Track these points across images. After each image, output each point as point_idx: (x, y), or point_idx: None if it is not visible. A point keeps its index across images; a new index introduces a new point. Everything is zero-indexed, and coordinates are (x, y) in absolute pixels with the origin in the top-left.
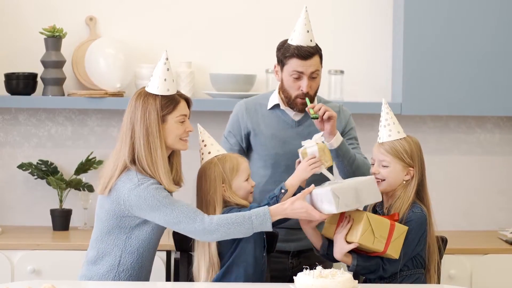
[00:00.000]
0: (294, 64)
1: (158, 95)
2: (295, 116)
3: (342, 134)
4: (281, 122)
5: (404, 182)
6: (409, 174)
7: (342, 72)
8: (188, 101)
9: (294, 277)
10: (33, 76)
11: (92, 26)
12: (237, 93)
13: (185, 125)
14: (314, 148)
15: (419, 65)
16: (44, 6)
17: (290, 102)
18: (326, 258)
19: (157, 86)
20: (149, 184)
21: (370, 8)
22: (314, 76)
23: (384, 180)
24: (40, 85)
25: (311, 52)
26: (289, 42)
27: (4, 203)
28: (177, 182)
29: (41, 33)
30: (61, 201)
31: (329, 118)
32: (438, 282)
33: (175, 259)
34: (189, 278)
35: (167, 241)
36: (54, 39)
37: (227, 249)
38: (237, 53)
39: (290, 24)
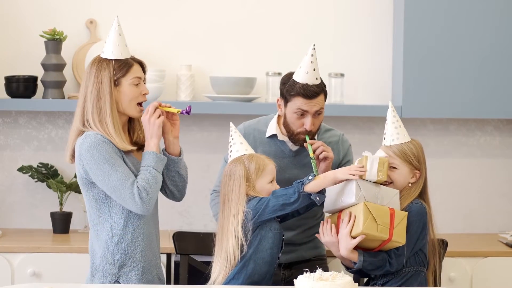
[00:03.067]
0: (298, 102)
1: (111, 59)
2: (292, 146)
3: (339, 165)
4: (279, 151)
5: (410, 184)
6: (415, 177)
7: (342, 75)
8: (142, 64)
9: (294, 279)
10: (33, 79)
11: (92, 29)
12: (237, 96)
13: (140, 87)
14: (375, 157)
15: (419, 68)
16: (44, 9)
17: (291, 137)
18: (359, 274)
19: (111, 51)
20: (94, 136)
21: (370, 11)
22: (318, 113)
23: (391, 182)
24: (40, 88)
25: (316, 92)
26: (294, 78)
27: (4, 206)
28: (142, 142)
29: (42, 36)
30: (61, 204)
31: (325, 158)
32: (438, 285)
33: (176, 262)
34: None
35: (167, 244)
36: (54, 42)
37: (247, 245)
38: (237, 56)
39: (289, 27)
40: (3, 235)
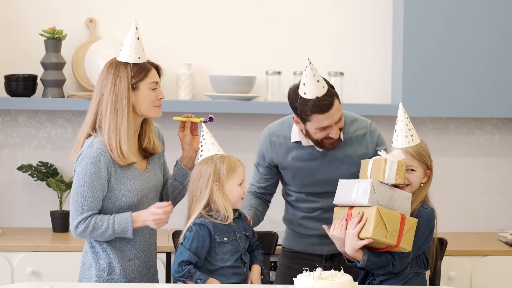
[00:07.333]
0: (317, 120)
1: (129, 63)
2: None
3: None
4: (307, 154)
5: (422, 185)
6: (426, 177)
7: (342, 73)
8: (158, 69)
9: (294, 278)
10: (33, 78)
11: (92, 28)
12: (237, 95)
13: (157, 92)
14: (394, 160)
15: (419, 66)
16: (44, 8)
17: (317, 145)
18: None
19: (129, 55)
20: (95, 151)
21: (370, 10)
22: (339, 120)
23: (408, 185)
24: (40, 86)
25: (330, 102)
26: (302, 95)
27: (4, 205)
28: (152, 149)
29: (41, 34)
30: (61, 202)
31: None
32: (437, 284)
33: None
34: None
35: (166, 242)
36: (54, 40)
37: None
38: (237, 55)
39: (289, 25)
40: (2, 234)
